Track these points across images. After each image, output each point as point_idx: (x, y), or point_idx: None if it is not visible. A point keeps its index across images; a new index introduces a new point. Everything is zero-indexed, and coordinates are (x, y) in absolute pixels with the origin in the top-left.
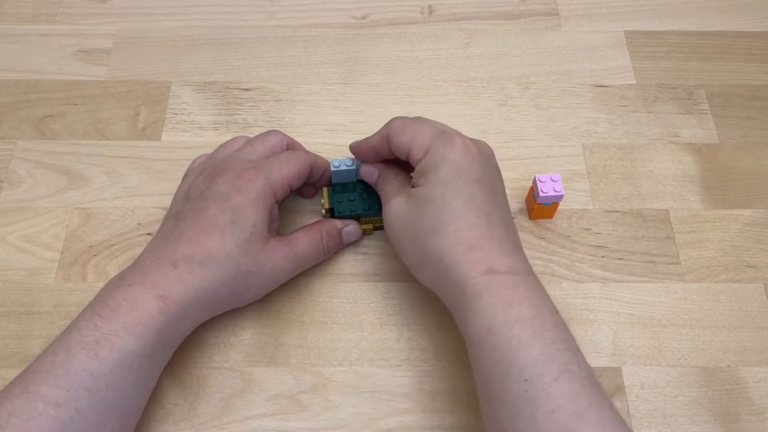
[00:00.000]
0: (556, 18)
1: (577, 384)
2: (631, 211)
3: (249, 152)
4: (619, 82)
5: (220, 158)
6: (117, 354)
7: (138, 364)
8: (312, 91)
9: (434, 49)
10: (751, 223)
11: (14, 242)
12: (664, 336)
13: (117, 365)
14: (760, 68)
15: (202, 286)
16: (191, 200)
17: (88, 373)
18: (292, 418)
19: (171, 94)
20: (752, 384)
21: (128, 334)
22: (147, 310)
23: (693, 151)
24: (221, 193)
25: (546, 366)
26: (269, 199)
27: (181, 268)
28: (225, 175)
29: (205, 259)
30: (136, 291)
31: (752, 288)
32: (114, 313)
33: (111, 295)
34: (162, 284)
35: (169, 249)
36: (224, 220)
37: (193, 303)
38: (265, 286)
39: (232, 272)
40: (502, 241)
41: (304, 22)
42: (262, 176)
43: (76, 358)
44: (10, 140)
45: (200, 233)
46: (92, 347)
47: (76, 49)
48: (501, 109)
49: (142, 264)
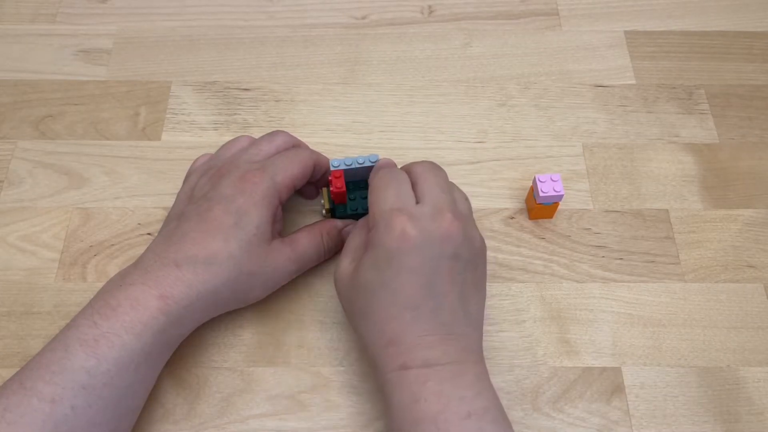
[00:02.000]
0: (556, 18)
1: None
2: (631, 211)
3: (254, 153)
4: (619, 82)
5: (225, 158)
6: (116, 352)
7: (137, 363)
8: (312, 91)
9: (434, 49)
10: (751, 223)
11: (14, 242)
12: (664, 336)
13: (115, 364)
14: (760, 68)
15: (204, 286)
16: (195, 201)
17: (86, 370)
18: (292, 418)
19: (171, 94)
20: (752, 384)
21: (128, 333)
22: (148, 310)
23: (693, 151)
24: (226, 195)
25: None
26: (274, 201)
27: (184, 269)
28: (229, 177)
29: (208, 259)
30: (138, 290)
31: (752, 288)
32: (114, 312)
33: (112, 294)
34: (164, 284)
35: (172, 249)
36: (228, 222)
37: (195, 303)
38: (266, 287)
39: (234, 273)
40: (426, 334)
41: (304, 22)
42: (267, 178)
43: (74, 355)
44: (10, 140)
45: (204, 234)
46: (91, 345)
47: (76, 49)
48: (501, 109)
49: (145, 263)
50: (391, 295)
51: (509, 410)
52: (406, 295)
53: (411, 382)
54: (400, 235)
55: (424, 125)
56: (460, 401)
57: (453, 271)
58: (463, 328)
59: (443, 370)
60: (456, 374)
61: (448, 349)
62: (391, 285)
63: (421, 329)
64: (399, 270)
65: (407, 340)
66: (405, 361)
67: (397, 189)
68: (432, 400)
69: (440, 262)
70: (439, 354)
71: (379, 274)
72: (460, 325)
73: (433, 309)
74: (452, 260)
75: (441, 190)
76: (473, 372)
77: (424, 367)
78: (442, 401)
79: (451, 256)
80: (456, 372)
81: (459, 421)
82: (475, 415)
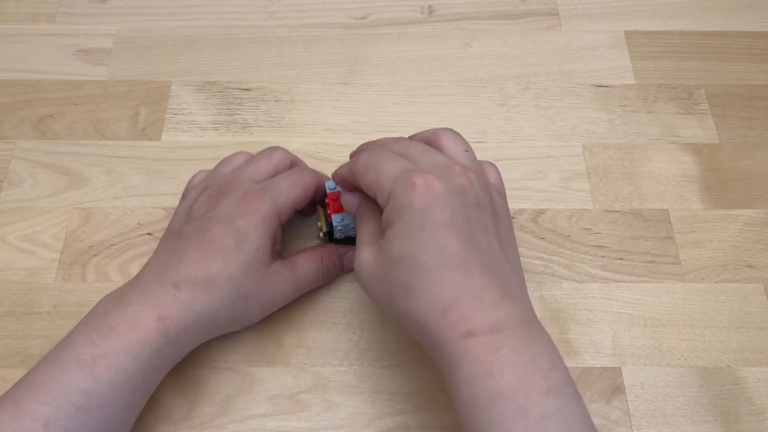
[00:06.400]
0: (556, 18)
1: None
2: (631, 211)
3: (253, 171)
4: (619, 82)
5: (223, 176)
6: (113, 374)
7: (133, 385)
8: (312, 91)
9: (434, 49)
10: (751, 223)
11: (14, 242)
12: (664, 336)
13: (111, 385)
14: (760, 68)
15: (203, 308)
16: (194, 219)
17: (82, 391)
18: (292, 418)
19: (171, 94)
20: (752, 384)
21: (126, 355)
22: (147, 331)
23: (693, 151)
24: (226, 215)
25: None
26: (274, 222)
27: (183, 290)
28: (230, 197)
29: (207, 281)
30: (137, 310)
31: (752, 288)
32: (113, 332)
33: (110, 313)
34: (163, 305)
35: (171, 269)
36: (228, 243)
37: (193, 325)
38: (265, 309)
39: (233, 295)
40: (485, 292)
41: (304, 22)
42: (268, 199)
43: (71, 375)
44: (10, 140)
45: (203, 255)
46: (88, 365)
47: (76, 49)
48: (501, 109)
49: (143, 282)
50: (434, 256)
51: None
52: (450, 253)
53: (481, 351)
54: (425, 190)
55: (424, 125)
56: (539, 375)
57: (483, 221)
58: (514, 286)
59: (514, 335)
60: (528, 342)
61: (511, 310)
62: (430, 246)
63: (477, 285)
64: (434, 228)
65: (465, 302)
66: (470, 327)
67: (394, 157)
68: (509, 373)
69: (468, 211)
70: (504, 316)
71: (414, 239)
72: (510, 282)
73: (481, 263)
74: (478, 209)
75: (433, 152)
76: (544, 339)
77: (493, 333)
78: (520, 375)
79: (475, 204)
80: (528, 339)
81: (540, 399)
82: (554, 391)
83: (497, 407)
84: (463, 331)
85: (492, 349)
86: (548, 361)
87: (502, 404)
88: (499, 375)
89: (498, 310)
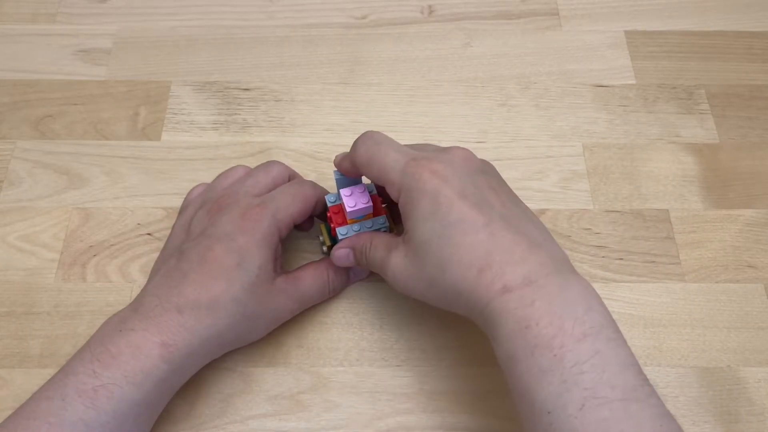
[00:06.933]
0: (556, 18)
1: (605, 411)
2: (631, 211)
3: (251, 185)
4: (619, 82)
5: (221, 190)
6: (115, 404)
7: (136, 414)
8: (312, 91)
9: (434, 49)
10: (751, 223)
11: (14, 242)
12: (664, 336)
13: (114, 415)
14: (760, 68)
15: (208, 332)
16: (193, 237)
17: (84, 423)
18: (292, 418)
19: (171, 94)
20: (752, 384)
21: (129, 384)
22: (150, 359)
23: (693, 151)
24: (226, 233)
25: (568, 395)
26: (275, 238)
27: (187, 314)
28: (229, 213)
29: (210, 304)
30: (139, 337)
31: (752, 288)
32: (115, 360)
33: (112, 340)
34: (166, 331)
35: (174, 292)
36: (230, 263)
37: (197, 350)
38: (269, 326)
39: (238, 316)
40: (513, 245)
41: (304, 22)
42: (268, 215)
43: (72, 406)
44: (10, 140)
45: (205, 276)
46: (90, 395)
47: (76, 49)
48: (501, 109)
49: (145, 307)
50: (458, 227)
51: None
52: (470, 219)
53: (517, 305)
54: (431, 174)
55: (424, 125)
56: (573, 321)
57: (491, 185)
58: (539, 235)
59: (547, 284)
60: (561, 288)
61: (542, 260)
62: (450, 219)
63: (505, 241)
64: (450, 203)
65: (497, 258)
66: (505, 282)
67: (389, 146)
68: (544, 323)
69: (475, 178)
70: (536, 266)
71: (434, 220)
72: (534, 234)
73: (502, 221)
74: (484, 175)
75: (425, 144)
76: (578, 284)
77: (526, 286)
78: (555, 323)
79: (479, 171)
80: (561, 286)
81: (574, 345)
82: (590, 336)
83: (535, 358)
84: (499, 288)
85: (527, 302)
86: (583, 304)
87: (539, 354)
88: (535, 327)
89: (528, 262)
